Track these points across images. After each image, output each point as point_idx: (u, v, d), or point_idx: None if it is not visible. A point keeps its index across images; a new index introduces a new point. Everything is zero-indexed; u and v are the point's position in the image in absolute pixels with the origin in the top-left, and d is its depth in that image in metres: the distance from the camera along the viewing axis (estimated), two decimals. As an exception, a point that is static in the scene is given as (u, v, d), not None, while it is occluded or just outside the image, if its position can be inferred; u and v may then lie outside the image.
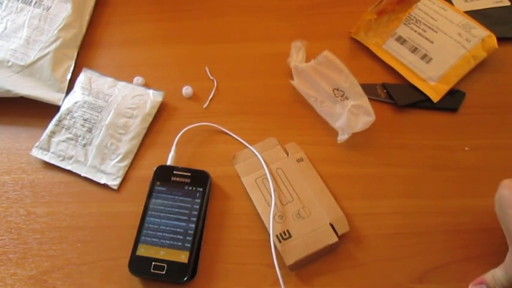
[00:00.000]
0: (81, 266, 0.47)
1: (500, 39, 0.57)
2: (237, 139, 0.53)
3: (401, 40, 0.59)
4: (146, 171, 0.51)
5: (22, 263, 0.47)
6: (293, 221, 0.46)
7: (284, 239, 0.45)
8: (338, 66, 0.54)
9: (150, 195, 0.48)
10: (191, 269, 0.45)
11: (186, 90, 0.57)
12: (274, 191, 0.48)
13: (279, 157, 0.51)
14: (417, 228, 0.48)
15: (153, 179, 0.49)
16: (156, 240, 0.46)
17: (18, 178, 0.52)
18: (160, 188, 0.49)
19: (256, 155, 0.51)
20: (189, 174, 0.49)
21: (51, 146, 0.53)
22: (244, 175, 0.50)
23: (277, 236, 0.45)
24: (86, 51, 0.61)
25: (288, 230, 0.46)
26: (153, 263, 0.45)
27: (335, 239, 0.45)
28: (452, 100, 0.56)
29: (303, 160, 0.51)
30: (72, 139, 0.53)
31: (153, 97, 0.56)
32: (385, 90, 0.57)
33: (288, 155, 0.51)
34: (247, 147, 0.52)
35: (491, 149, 0.53)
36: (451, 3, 0.63)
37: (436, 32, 0.58)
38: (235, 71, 0.59)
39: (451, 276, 0.45)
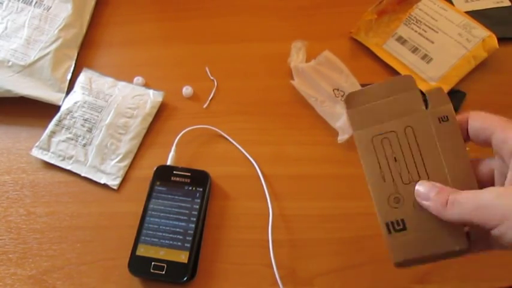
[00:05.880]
0: (81, 266, 0.47)
1: (500, 40, 0.57)
2: (236, 145, 0.53)
3: (401, 40, 0.59)
4: (146, 171, 0.51)
5: (22, 262, 0.47)
6: (413, 208, 0.34)
7: (396, 231, 0.34)
8: (338, 66, 0.54)
9: (150, 195, 0.48)
10: (191, 269, 0.45)
11: (186, 90, 0.57)
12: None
13: (412, 108, 0.36)
14: (417, 229, 0.48)
15: (153, 179, 0.49)
16: (156, 240, 0.46)
17: (18, 178, 0.52)
18: (160, 188, 0.49)
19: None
20: (189, 174, 0.49)
21: (51, 145, 0.53)
22: (359, 127, 0.36)
23: (387, 223, 0.34)
24: (86, 51, 0.61)
25: (403, 220, 0.34)
26: (153, 263, 0.45)
27: (464, 244, 0.32)
28: (453, 100, 0.55)
29: (447, 120, 0.35)
30: (72, 139, 0.53)
31: (153, 97, 0.56)
32: (385, 91, 0.57)
33: (427, 106, 0.36)
34: (244, 153, 0.52)
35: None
36: (452, 3, 0.63)
37: (437, 32, 0.58)
38: (235, 71, 0.59)
39: (451, 276, 0.45)
